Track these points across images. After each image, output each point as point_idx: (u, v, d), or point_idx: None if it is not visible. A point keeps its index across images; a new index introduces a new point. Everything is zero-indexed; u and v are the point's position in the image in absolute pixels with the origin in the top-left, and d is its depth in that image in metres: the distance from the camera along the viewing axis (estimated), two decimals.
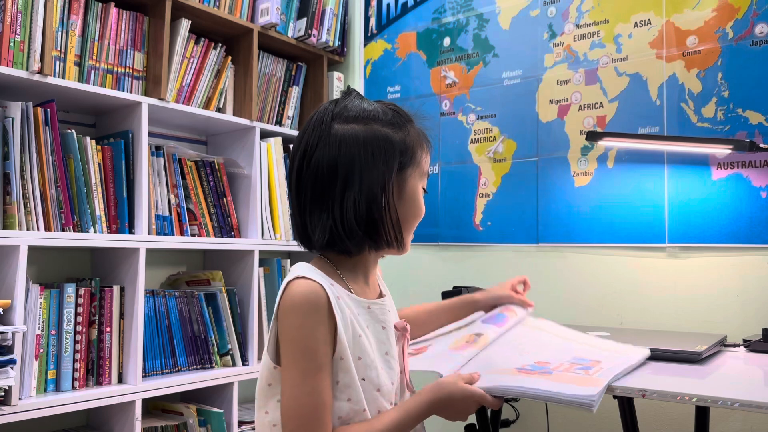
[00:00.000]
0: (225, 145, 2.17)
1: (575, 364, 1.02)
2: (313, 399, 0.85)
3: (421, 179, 0.99)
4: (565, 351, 1.10)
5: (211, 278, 2.02)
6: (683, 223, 1.70)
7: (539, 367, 1.01)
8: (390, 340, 0.96)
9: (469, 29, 2.14)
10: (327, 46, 2.33)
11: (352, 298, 0.93)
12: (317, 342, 0.86)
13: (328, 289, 0.88)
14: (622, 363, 1.04)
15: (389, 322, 0.97)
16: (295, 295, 0.87)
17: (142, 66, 1.86)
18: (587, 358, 1.06)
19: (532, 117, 1.98)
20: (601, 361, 1.04)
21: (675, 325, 1.70)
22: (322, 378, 0.85)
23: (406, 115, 1.00)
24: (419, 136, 0.99)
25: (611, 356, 1.08)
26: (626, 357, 1.09)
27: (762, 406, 0.88)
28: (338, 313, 0.88)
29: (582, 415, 1.83)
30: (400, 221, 0.95)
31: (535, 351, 1.09)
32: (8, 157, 1.52)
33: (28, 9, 1.58)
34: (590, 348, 1.12)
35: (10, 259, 1.50)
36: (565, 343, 1.15)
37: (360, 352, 0.90)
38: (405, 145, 0.95)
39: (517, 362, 1.04)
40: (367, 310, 0.95)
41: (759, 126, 1.61)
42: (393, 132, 0.95)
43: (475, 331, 1.16)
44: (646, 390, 0.97)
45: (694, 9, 1.71)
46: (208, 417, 1.90)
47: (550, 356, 1.07)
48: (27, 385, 1.52)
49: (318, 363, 0.86)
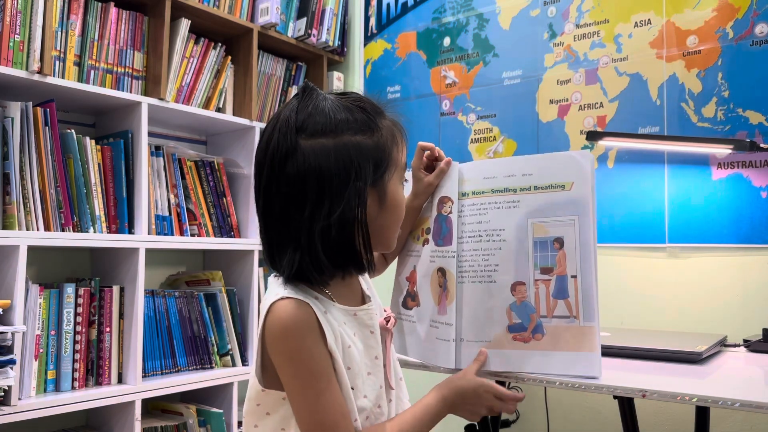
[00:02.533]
0: (225, 145, 2.17)
1: (556, 301, 1.02)
2: (331, 414, 0.84)
3: (400, 177, 0.92)
4: (521, 250, 1.04)
5: (211, 278, 2.02)
6: (683, 223, 1.70)
7: (528, 319, 1.02)
8: (379, 343, 0.94)
9: (469, 29, 2.14)
10: (327, 45, 2.33)
11: (337, 308, 0.89)
12: (321, 359, 0.84)
13: (314, 306, 0.84)
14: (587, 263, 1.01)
15: (377, 326, 0.94)
16: (286, 319, 0.83)
17: (142, 66, 1.86)
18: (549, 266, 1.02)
19: (533, 117, 1.98)
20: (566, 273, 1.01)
21: (675, 325, 1.70)
22: (333, 390, 0.84)
23: (375, 109, 0.89)
24: (393, 131, 0.90)
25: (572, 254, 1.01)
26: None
27: (762, 406, 0.88)
28: (327, 328, 0.85)
29: (582, 415, 1.83)
30: (383, 228, 0.90)
31: (500, 267, 1.05)
32: (8, 157, 1.52)
33: (27, 9, 1.57)
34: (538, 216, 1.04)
35: (10, 259, 1.49)
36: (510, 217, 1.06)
37: (350, 362, 0.88)
38: (379, 151, 0.86)
39: (502, 309, 1.04)
40: (353, 317, 0.91)
41: (759, 126, 1.60)
42: (365, 138, 0.86)
43: (438, 265, 1.11)
44: (647, 390, 0.97)
45: (694, 9, 1.71)
46: (208, 417, 1.90)
47: (519, 274, 1.03)
48: (27, 386, 1.51)
49: (327, 378, 0.84)
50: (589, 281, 1.00)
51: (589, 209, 1.00)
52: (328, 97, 0.88)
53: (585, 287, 1.00)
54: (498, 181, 1.07)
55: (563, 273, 1.01)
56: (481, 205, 1.08)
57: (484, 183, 1.09)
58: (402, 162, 0.92)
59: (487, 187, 1.08)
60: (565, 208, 1.01)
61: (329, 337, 0.84)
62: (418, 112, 2.24)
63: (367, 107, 0.88)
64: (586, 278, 1.00)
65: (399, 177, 0.91)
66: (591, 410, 1.81)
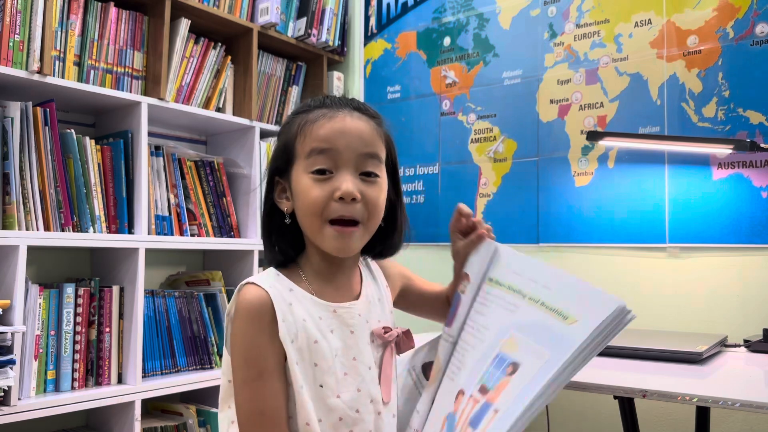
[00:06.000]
0: (224, 144, 2.17)
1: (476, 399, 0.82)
2: (253, 405, 0.84)
3: (305, 168, 0.88)
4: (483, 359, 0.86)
5: (211, 278, 2.01)
6: (684, 223, 1.70)
7: (454, 416, 0.85)
8: (359, 345, 0.90)
9: (470, 29, 2.14)
10: (327, 45, 2.32)
11: (315, 301, 0.89)
12: (257, 349, 0.84)
13: (276, 296, 0.86)
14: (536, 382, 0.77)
15: (359, 327, 0.91)
16: (240, 302, 0.86)
17: (142, 66, 1.86)
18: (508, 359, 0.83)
19: (533, 117, 1.98)
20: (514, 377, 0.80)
21: (675, 325, 1.70)
22: (261, 385, 0.84)
23: (299, 109, 0.94)
24: (297, 125, 0.90)
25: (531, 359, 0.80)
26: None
27: (762, 406, 0.88)
28: (286, 319, 0.85)
29: (582, 415, 1.82)
30: (300, 219, 0.90)
31: (462, 368, 0.89)
32: (7, 157, 1.52)
33: (27, 9, 1.57)
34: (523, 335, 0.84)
35: (10, 259, 1.49)
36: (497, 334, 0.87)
37: (317, 358, 0.86)
38: (281, 147, 0.92)
39: (443, 413, 0.87)
40: (333, 314, 0.89)
41: (759, 126, 1.60)
42: (278, 141, 0.94)
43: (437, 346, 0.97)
44: (647, 390, 0.97)
45: (694, 9, 1.71)
46: (208, 417, 1.90)
47: (468, 382, 0.86)
48: (26, 386, 1.51)
49: (258, 370, 0.84)
50: (504, 426, 0.76)
51: (569, 356, 0.76)
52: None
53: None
54: (519, 280, 0.91)
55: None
56: (494, 296, 0.92)
57: (508, 276, 0.93)
58: (307, 148, 0.88)
59: (507, 282, 0.92)
60: (549, 338, 0.80)
61: (281, 328, 0.84)
62: (418, 112, 2.24)
63: (299, 108, 0.94)
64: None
65: (303, 167, 0.89)
66: (591, 410, 1.81)
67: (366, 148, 0.88)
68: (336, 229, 0.87)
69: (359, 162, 0.88)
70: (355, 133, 0.88)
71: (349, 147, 0.87)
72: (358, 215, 0.87)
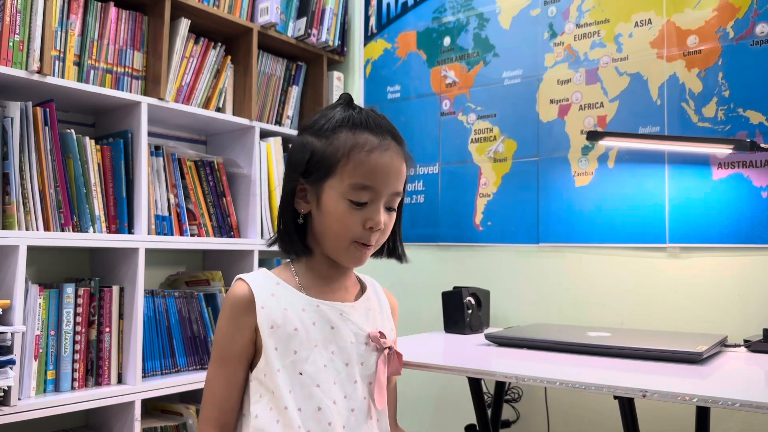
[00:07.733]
0: (224, 144, 2.17)
1: None
2: (209, 385, 0.96)
3: (343, 192, 0.94)
4: None
5: (211, 278, 2.01)
6: (684, 223, 1.70)
7: None
8: (338, 342, 0.97)
9: (470, 29, 2.14)
10: (327, 45, 2.32)
11: (299, 295, 0.98)
12: (224, 335, 0.95)
13: (258, 288, 0.96)
14: None
15: (341, 326, 0.98)
16: (227, 295, 0.98)
17: (142, 66, 1.86)
18: None
19: (533, 117, 1.98)
20: None
21: (675, 325, 1.70)
22: (218, 369, 0.95)
23: (351, 124, 0.96)
24: (350, 147, 0.95)
25: None
26: None
27: (762, 406, 0.88)
28: (267, 306, 0.94)
29: (582, 415, 1.82)
30: (322, 231, 0.98)
31: None
32: (7, 157, 1.52)
33: (27, 9, 1.57)
34: None
35: (10, 259, 1.49)
36: None
37: (296, 346, 0.94)
38: (319, 155, 0.96)
39: None
40: (315, 308, 0.98)
41: (760, 126, 1.60)
42: (315, 140, 0.98)
43: None
44: (647, 390, 0.97)
45: (694, 8, 1.71)
46: None
47: None
48: (26, 386, 1.51)
49: (220, 354, 0.95)
50: None
51: None
52: (349, 107, 1.00)
53: None
54: None
55: None
56: None
57: None
58: (349, 181, 0.95)
59: None
60: None
61: (260, 315, 0.93)
62: (418, 112, 2.24)
63: (345, 120, 0.97)
64: None
65: (341, 191, 0.95)
66: (591, 410, 1.81)
67: (398, 188, 0.99)
68: (358, 247, 0.98)
69: (390, 199, 0.98)
70: (395, 174, 0.97)
71: (388, 187, 0.97)
72: (375, 239, 0.99)
